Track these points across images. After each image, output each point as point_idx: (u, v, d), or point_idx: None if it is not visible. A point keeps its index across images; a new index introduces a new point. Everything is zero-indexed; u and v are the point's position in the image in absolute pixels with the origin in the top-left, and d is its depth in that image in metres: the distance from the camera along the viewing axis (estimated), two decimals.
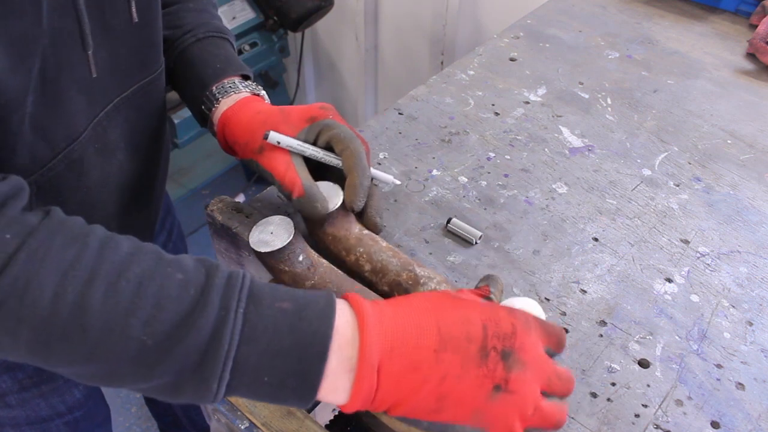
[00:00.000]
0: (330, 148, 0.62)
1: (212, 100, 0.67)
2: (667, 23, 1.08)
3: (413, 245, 0.67)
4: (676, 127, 0.85)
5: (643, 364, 0.57)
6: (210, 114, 0.67)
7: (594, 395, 0.54)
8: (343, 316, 0.45)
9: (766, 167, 0.79)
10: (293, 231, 0.58)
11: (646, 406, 0.54)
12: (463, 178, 0.76)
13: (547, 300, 0.62)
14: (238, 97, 0.67)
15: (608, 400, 0.54)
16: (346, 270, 0.60)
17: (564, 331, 0.51)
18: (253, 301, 0.44)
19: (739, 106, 0.89)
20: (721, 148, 0.82)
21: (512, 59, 0.97)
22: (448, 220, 0.68)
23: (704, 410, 0.54)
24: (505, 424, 0.44)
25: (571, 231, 0.70)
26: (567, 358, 0.57)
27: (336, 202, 0.60)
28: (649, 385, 0.55)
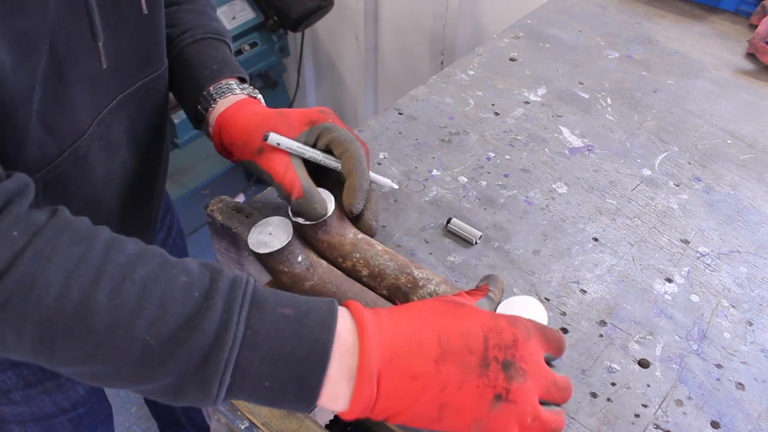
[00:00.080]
0: (329, 152, 0.62)
1: (209, 100, 0.67)
2: (667, 23, 1.08)
3: (413, 245, 0.67)
4: (676, 127, 0.85)
5: (643, 364, 0.57)
6: (206, 114, 0.67)
7: (594, 395, 0.54)
8: (344, 324, 0.45)
9: (766, 167, 0.79)
10: (292, 232, 0.58)
11: (646, 406, 0.54)
12: (463, 178, 0.76)
13: (547, 300, 0.62)
14: (236, 98, 0.67)
15: (608, 400, 0.54)
16: None
17: (564, 337, 0.51)
18: (256, 306, 0.44)
19: (739, 106, 0.89)
20: (721, 148, 0.82)
21: (512, 59, 0.97)
22: (448, 220, 0.68)
23: (704, 410, 0.54)
24: None
25: (571, 231, 0.70)
26: (567, 358, 0.57)
27: (329, 209, 0.60)
28: (649, 385, 0.55)
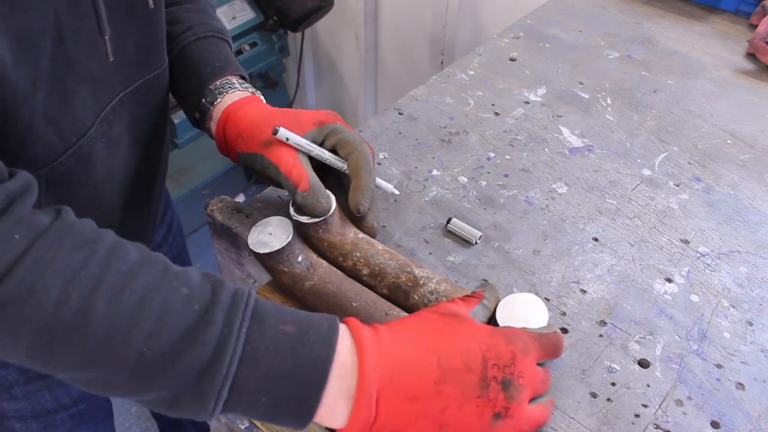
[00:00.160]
0: (335, 153, 0.63)
1: (215, 94, 0.67)
2: (667, 23, 1.08)
3: (413, 245, 0.67)
4: (676, 127, 0.85)
5: (643, 364, 0.57)
6: (211, 108, 0.67)
7: (594, 395, 0.54)
8: (344, 342, 0.45)
9: (766, 167, 0.79)
10: (292, 231, 0.58)
11: (646, 406, 0.54)
12: (463, 178, 0.76)
13: (547, 300, 0.62)
14: (242, 94, 0.67)
15: (608, 400, 0.54)
16: None
17: (562, 337, 0.52)
18: (257, 321, 0.43)
19: (739, 106, 0.89)
20: (721, 148, 0.82)
21: (512, 59, 0.97)
22: (448, 220, 0.68)
23: (704, 410, 0.54)
24: None
25: (571, 231, 0.70)
26: (567, 358, 0.57)
27: (331, 210, 0.60)
28: (649, 385, 0.55)
